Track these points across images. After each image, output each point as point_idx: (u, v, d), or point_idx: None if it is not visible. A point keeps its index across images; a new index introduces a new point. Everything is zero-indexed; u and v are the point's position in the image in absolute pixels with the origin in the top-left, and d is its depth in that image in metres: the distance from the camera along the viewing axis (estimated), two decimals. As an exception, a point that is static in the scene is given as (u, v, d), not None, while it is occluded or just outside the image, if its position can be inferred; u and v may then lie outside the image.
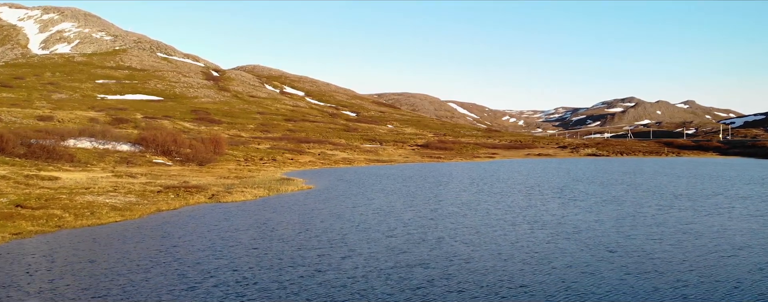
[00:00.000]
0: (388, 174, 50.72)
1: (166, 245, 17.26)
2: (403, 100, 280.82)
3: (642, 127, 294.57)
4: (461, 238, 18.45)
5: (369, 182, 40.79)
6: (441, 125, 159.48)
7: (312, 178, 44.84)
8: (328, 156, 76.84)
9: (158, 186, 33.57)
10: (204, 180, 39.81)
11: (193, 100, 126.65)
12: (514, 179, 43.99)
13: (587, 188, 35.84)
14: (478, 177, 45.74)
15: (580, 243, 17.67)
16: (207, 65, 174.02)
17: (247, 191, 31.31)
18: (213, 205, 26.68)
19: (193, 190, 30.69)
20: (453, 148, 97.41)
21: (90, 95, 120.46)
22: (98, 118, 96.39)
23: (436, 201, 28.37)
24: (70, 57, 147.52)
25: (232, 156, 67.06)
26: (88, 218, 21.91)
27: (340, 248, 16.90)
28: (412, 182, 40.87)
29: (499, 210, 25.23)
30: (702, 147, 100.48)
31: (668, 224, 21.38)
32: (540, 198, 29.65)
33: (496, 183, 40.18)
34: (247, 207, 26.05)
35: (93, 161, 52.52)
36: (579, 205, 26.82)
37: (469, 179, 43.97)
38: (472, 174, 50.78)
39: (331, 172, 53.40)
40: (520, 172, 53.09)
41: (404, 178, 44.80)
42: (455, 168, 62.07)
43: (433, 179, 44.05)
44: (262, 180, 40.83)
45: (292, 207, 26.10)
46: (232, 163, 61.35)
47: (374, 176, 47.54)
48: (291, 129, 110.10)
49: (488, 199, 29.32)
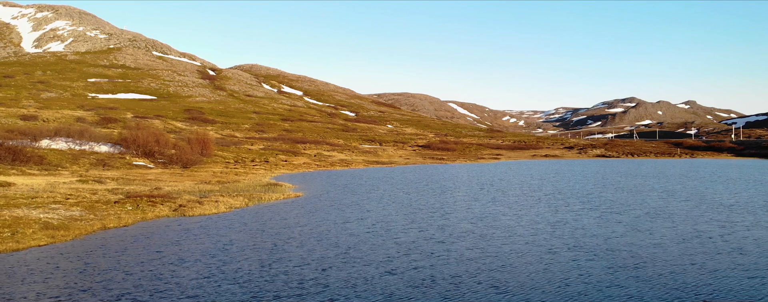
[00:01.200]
0: (387, 177, 45.71)
1: (71, 287, 12.20)
2: (403, 100, 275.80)
3: (643, 127, 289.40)
4: (486, 276, 13.38)
5: (365, 188, 35.77)
6: (442, 125, 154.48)
7: (303, 183, 39.81)
8: (325, 158, 71.82)
9: (122, 194, 28.55)
10: (179, 186, 34.80)
11: (187, 99, 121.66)
12: (528, 184, 38.94)
13: (617, 196, 30.79)
14: (488, 182, 40.71)
15: (654, 285, 12.60)
16: (204, 64, 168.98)
17: (223, 201, 26.30)
18: (175, 220, 21.68)
19: (158, 200, 25.67)
20: (455, 148, 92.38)
21: (81, 94, 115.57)
22: (85, 118, 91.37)
23: (444, 216, 23.33)
24: (62, 55, 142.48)
25: (222, 157, 62.04)
26: (4, 241, 16.90)
27: (313, 297, 11.88)
28: (414, 188, 35.85)
29: (524, 228, 20.17)
30: (714, 147, 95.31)
31: (748, 249, 16.32)
32: (569, 211, 24.60)
33: (509, 189, 35.13)
34: (214, 223, 21.04)
35: (65, 163, 47.50)
36: (621, 221, 21.74)
37: (478, 184, 38.93)
38: (480, 177, 45.75)
39: (326, 175, 48.39)
40: (532, 176, 48.03)
41: (405, 183, 39.77)
42: (460, 170, 57.05)
43: (437, 184, 39.02)
44: (245, 186, 35.81)
45: (268, 223, 21.08)
46: (220, 165, 56.33)
47: (372, 180, 42.51)
48: (287, 129, 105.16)
49: (507, 212, 24.28)
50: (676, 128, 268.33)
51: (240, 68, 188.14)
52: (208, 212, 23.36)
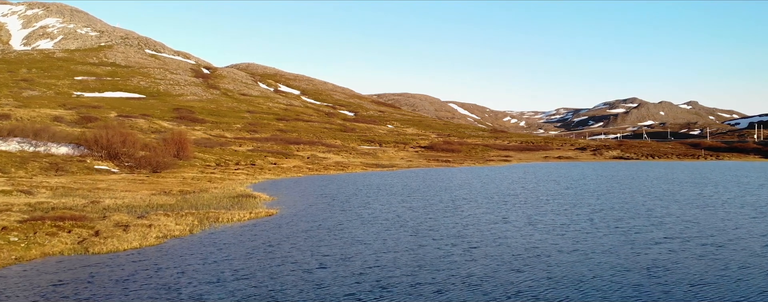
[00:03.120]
0: (387, 184, 38.03)
1: None
2: (403, 100, 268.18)
3: (646, 127, 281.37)
4: None
5: (360, 200, 28.12)
6: (444, 125, 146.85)
7: (285, 193, 32.17)
8: (319, 160, 64.21)
9: (32, 214, 20.92)
10: (127, 199, 27.16)
11: (177, 98, 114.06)
12: (561, 195, 31.25)
13: (691, 214, 23.08)
14: (509, 191, 33.06)
15: None
16: (198, 63, 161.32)
17: (160, 225, 18.69)
18: (66, 260, 14.07)
19: (67, 225, 18.06)
20: (461, 149, 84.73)
21: (65, 92, 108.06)
22: (64, 117, 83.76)
23: (468, 251, 15.66)
24: (49, 52, 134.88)
25: (201, 160, 54.44)
26: None
27: None
28: (420, 200, 28.19)
29: (600, 269, 12.43)
30: (737, 148, 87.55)
31: None
32: (651, 243, 16.88)
33: (541, 202, 27.45)
34: (113, 270, 13.41)
35: (10, 168, 39.85)
36: (734, 259, 14.10)
37: (498, 194, 31.27)
38: (498, 185, 38.06)
39: (317, 182, 40.74)
40: (558, 182, 40.31)
41: (409, 193, 32.11)
42: (470, 175, 49.39)
43: (447, 194, 31.37)
44: (210, 199, 28.17)
45: (199, 271, 13.44)
46: (197, 169, 48.70)
47: (369, 188, 34.85)
48: (282, 129, 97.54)
49: (558, 242, 16.58)
50: (679, 129, 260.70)
51: (236, 67, 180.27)
52: (123, 247, 15.69)
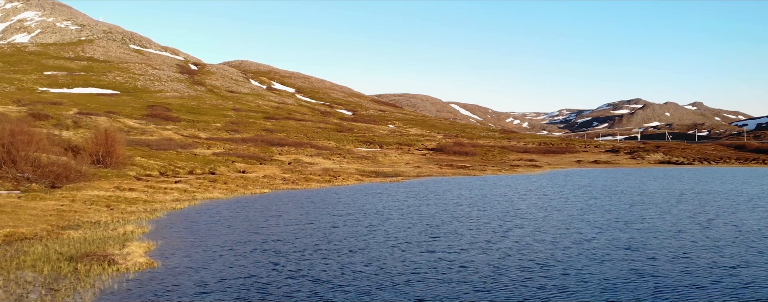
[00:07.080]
0: (387, 210, 22.75)
1: None
2: (404, 101, 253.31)
3: (652, 128, 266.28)
4: None
5: (321, 277, 13.07)
6: (450, 125, 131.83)
7: (194, 238, 16.88)
8: (303, 167, 49.19)
9: None
10: None
11: (155, 95, 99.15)
12: (672, 223, 16.13)
13: None
14: (588, 222, 17.99)
15: None
16: (186, 59, 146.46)
17: None
18: None
19: None
20: (475, 152, 69.74)
21: (29, 88, 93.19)
22: (8, 114, 69.15)
23: None
24: (21, 46, 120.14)
25: (141, 167, 39.31)
26: None
27: None
28: (473, 287, 13.15)
29: None
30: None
31: None
32: None
33: (655, 246, 12.41)
34: None
35: None
36: None
37: (577, 231, 16.14)
38: (562, 209, 22.84)
39: (280, 203, 25.35)
40: (637, 201, 25.10)
41: (424, 239, 17.01)
42: (508, 189, 34.25)
43: (503, 243, 16.30)
44: (29, 262, 13.19)
45: None
46: (120, 181, 33.58)
47: (352, 226, 19.69)
48: (268, 128, 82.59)
49: None
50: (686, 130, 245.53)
51: (228, 64, 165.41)
52: None
